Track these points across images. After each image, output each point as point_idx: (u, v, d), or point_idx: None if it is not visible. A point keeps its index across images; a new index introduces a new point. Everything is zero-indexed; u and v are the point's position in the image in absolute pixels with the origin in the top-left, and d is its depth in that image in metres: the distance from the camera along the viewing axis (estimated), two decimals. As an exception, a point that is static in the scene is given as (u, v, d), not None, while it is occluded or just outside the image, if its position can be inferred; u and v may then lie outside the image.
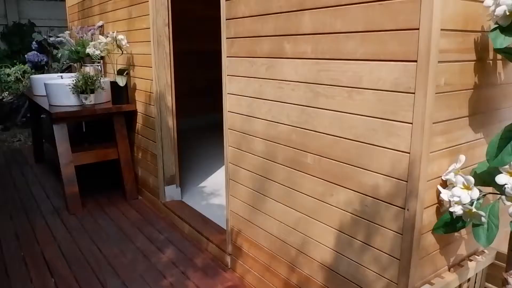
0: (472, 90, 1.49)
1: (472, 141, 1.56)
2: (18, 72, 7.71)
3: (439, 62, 1.32)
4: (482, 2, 1.39)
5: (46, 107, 3.43)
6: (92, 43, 3.46)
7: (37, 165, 4.78)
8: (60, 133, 3.30)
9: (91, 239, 2.92)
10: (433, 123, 1.36)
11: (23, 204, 3.58)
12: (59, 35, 4.17)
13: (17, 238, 2.95)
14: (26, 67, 7.33)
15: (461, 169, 1.45)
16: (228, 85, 2.25)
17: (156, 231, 3.03)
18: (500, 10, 1.33)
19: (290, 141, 1.89)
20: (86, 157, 3.47)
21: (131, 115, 3.58)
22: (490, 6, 1.36)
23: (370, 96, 1.49)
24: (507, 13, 1.32)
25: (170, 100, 3.19)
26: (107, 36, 3.34)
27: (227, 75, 2.25)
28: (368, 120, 1.51)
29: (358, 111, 1.54)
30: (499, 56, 1.57)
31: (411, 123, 1.37)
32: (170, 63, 3.13)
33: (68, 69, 5.38)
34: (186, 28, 5.45)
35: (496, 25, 1.36)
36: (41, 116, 4.65)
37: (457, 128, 1.48)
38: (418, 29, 1.32)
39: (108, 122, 3.57)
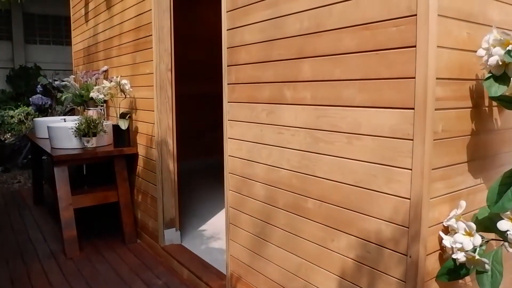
0: (470, 136, 1.52)
1: (472, 186, 1.57)
2: (22, 114, 7.82)
3: (436, 109, 1.35)
4: (476, 52, 1.44)
5: (48, 149, 3.45)
6: (96, 87, 3.53)
7: (36, 207, 4.75)
8: (61, 176, 3.30)
9: (87, 284, 2.86)
10: (433, 169, 1.37)
11: (19, 248, 3.53)
12: (64, 79, 4.26)
13: (11, 283, 2.89)
14: (30, 109, 7.44)
15: (462, 215, 1.45)
16: (229, 129, 2.29)
17: (155, 276, 2.97)
18: (492, 60, 1.37)
19: (290, 186, 1.89)
20: (86, 200, 3.45)
21: (132, 158, 3.60)
22: (483, 56, 1.41)
23: (370, 142, 1.51)
24: (500, 63, 1.37)
25: (171, 143, 3.22)
26: (111, 81, 3.41)
27: (228, 120, 2.28)
28: (368, 166, 1.52)
29: (358, 157, 1.56)
30: (494, 103, 1.60)
31: (411, 169, 1.38)
32: (172, 107, 3.18)
33: (71, 112, 5.46)
34: (188, 72, 5.57)
35: (490, 74, 1.40)
36: (42, 157, 4.68)
37: (457, 174, 1.49)
38: (414, 77, 1.36)
39: (109, 164, 3.58)
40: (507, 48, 1.35)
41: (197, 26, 5.85)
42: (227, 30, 2.23)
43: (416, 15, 1.35)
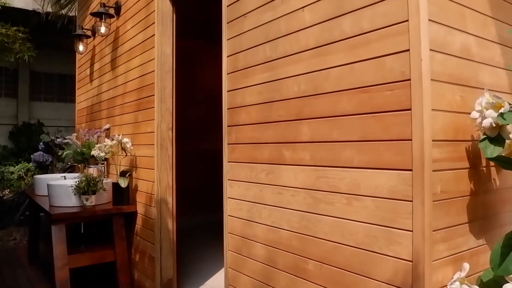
0: (469, 197, 1.52)
1: (475, 247, 1.55)
2: (22, 170, 7.82)
3: (433, 170, 1.37)
4: (469, 114, 1.47)
5: (47, 207, 3.43)
6: (98, 145, 3.57)
7: (31, 266, 4.63)
8: (58, 235, 3.25)
9: None
10: (433, 230, 1.37)
11: (12, 310, 3.41)
12: (67, 137, 4.31)
13: None
14: (30, 165, 7.46)
15: (466, 277, 1.42)
16: (229, 189, 2.29)
17: None
18: (486, 122, 1.41)
19: (290, 247, 1.87)
20: (82, 260, 3.38)
21: (131, 216, 3.56)
22: (477, 118, 1.45)
23: (369, 203, 1.51)
24: (493, 125, 1.40)
25: (170, 201, 3.21)
26: (113, 139, 3.45)
27: (228, 180, 2.29)
28: (369, 227, 1.52)
29: (358, 218, 1.55)
30: (492, 163, 1.62)
31: (411, 231, 1.37)
32: (172, 165, 3.20)
33: (71, 169, 5.47)
34: (188, 129, 5.65)
35: (485, 136, 1.43)
36: (40, 214, 4.63)
37: (458, 235, 1.48)
38: (410, 140, 1.38)
39: (107, 222, 3.54)
40: (500, 111, 1.39)
41: (198, 85, 6.01)
42: (228, 91, 2.30)
43: (409, 79, 1.40)
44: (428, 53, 1.39)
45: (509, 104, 1.40)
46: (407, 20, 1.41)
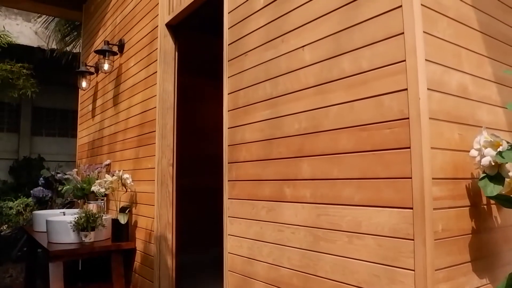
0: (471, 235, 1.51)
1: (478, 287, 1.52)
2: (21, 205, 7.77)
3: (434, 209, 1.37)
4: (468, 152, 1.49)
5: (45, 244, 3.39)
6: (98, 181, 3.57)
7: (26, 305, 4.53)
8: (55, 272, 3.20)
9: None
10: (436, 270, 1.35)
11: None
12: (67, 172, 4.32)
13: None
14: (29, 200, 7.41)
15: (470, 318, 1.39)
16: (229, 226, 2.27)
17: None
18: (485, 161, 1.42)
19: (292, 285, 1.83)
20: (79, 298, 3.31)
21: (130, 253, 3.52)
22: (475, 157, 1.46)
23: (371, 242, 1.50)
24: (492, 163, 1.41)
25: (170, 238, 3.17)
26: (113, 175, 3.46)
27: (228, 217, 2.28)
28: (370, 266, 1.50)
29: (360, 256, 1.54)
30: (492, 201, 1.62)
31: (413, 270, 1.36)
32: (173, 202, 3.19)
33: (70, 204, 5.44)
34: (189, 165, 5.65)
35: (484, 174, 1.44)
36: (38, 250, 4.56)
37: (461, 274, 1.46)
38: (410, 178, 1.39)
39: (106, 259, 3.49)
40: (498, 149, 1.40)
41: (199, 121, 6.05)
42: (228, 128, 2.32)
43: (408, 118, 1.42)
44: (426, 92, 1.41)
45: (507, 142, 1.41)
46: (405, 60, 1.45)
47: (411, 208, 1.38)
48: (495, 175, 1.42)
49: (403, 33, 1.46)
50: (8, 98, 7.09)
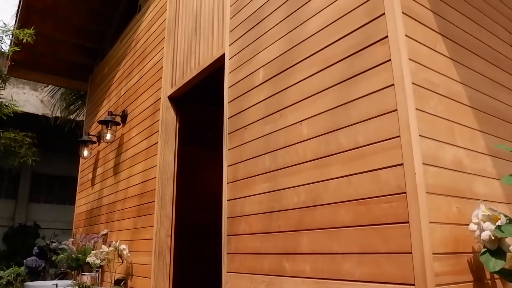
0: (477, 313, 1.47)
1: None
2: (12, 275, 7.53)
3: (436, 285, 1.34)
4: (467, 225, 1.49)
5: (35, 319, 3.26)
6: (94, 251, 3.50)
7: None
8: None
9: None
10: None
11: None
12: (62, 242, 4.24)
13: None
14: (21, 270, 7.20)
15: None
16: (228, 300, 2.21)
17: None
18: (485, 235, 1.41)
19: None
20: None
21: (123, 328, 3.37)
22: (475, 231, 1.46)
23: (373, 320, 1.45)
24: (492, 238, 1.40)
25: (166, 312, 3.06)
26: (110, 245, 3.40)
27: (227, 291, 2.22)
28: None
29: (363, 336, 1.48)
30: (496, 275, 1.59)
31: None
32: (170, 274, 3.11)
33: (64, 275, 5.28)
34: (187, 235, 5.57)
35: (485, 249, 1.43)
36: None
37: None
38: (411, 253, 1.38)
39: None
40: (497, 223, 1.40)
41: (199, 191, 6.05)
42: (228, 200, 2.33)
43: (405, 192, 1.44)
44: (422, 167, 1.44)
45: (505, 216, 1.42)
46: (399, 136, 1.49)
47: (413, 285, 1.35)
48: (496, 249, 1.41)
49: (396, 110, 1.52)
50: (9, 165, 7.13)
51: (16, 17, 5.10)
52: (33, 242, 6.68)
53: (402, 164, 1.46)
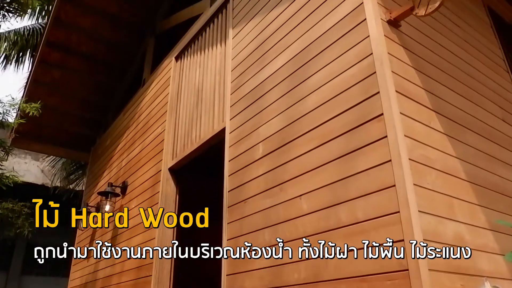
0: None
1: None
2: None
3: None
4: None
5: None
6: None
7: None
8: None
9: None
10: None
11: None
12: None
13: None
14: None
15: None
16: None
17: None
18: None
19: None
20: None
21: None
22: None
23: None
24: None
25: None
26: (103, 323, 3.25)
27: None
28: None
29: None
30: None
31: None
32: None
33: None
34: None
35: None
36: None
37: None
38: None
39: None
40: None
41: (197, 263, 5.90)
42: (227, 275, 2.27)
43: (407, 270, 1.41)
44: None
45: (511, 295, 1.39)
46: (399, 211, 1.50)
47: None
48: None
49: (394, 185, 1.53)
50: (4, 236, 6.98)
51: (24, 90, 5.28)
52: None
53: (402, 240, 1.45)
